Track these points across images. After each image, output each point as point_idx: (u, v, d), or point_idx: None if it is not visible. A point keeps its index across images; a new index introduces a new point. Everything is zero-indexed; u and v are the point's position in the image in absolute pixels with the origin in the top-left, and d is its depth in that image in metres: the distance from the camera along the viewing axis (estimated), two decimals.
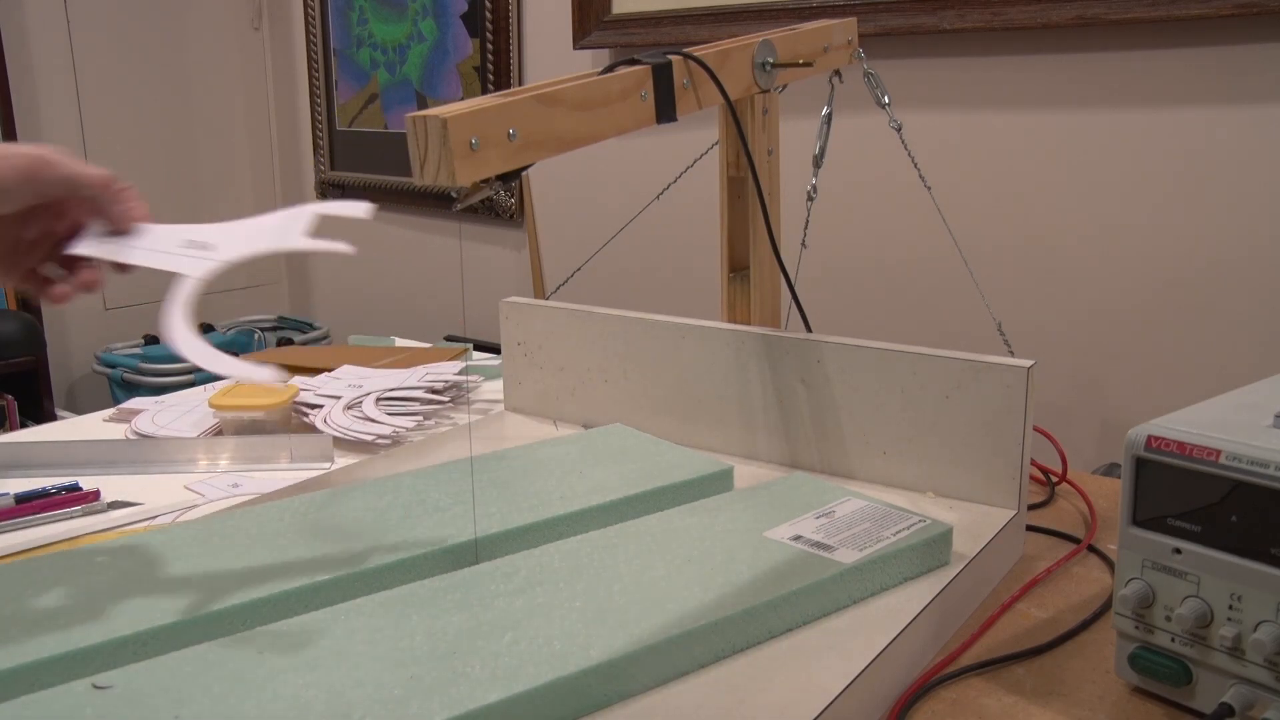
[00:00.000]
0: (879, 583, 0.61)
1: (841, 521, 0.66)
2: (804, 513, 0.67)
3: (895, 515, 0.67)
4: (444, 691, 0.48)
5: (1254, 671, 0.50)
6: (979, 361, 0.72)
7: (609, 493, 0.72)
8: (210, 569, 0.61)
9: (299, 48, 2.78)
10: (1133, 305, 1.53)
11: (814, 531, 0.64)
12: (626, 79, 0.69)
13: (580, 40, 2.04)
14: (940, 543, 0.65)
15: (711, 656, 0.54)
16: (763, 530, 0.65)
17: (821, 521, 0.66)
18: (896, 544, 0.62)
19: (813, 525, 0.65)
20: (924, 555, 0.64)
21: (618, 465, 0.77)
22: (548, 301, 0.96)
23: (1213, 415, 0.54)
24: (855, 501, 0.69)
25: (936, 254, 1.71)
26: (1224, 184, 1.43)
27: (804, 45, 0.86)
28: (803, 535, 0.64)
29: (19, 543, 0.77)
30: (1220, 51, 1.40)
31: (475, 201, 0.62)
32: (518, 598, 0.56)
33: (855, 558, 0.61)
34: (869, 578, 0.61)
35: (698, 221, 1.99)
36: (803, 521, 0.66)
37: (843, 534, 0.64)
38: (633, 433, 0.84)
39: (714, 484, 0.76)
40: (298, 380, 1.08)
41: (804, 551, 0.62)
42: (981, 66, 1.61)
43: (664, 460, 0.78)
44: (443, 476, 0.75)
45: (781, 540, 0.63)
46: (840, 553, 0.61)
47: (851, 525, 0.65)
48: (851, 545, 0.62)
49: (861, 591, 0.60)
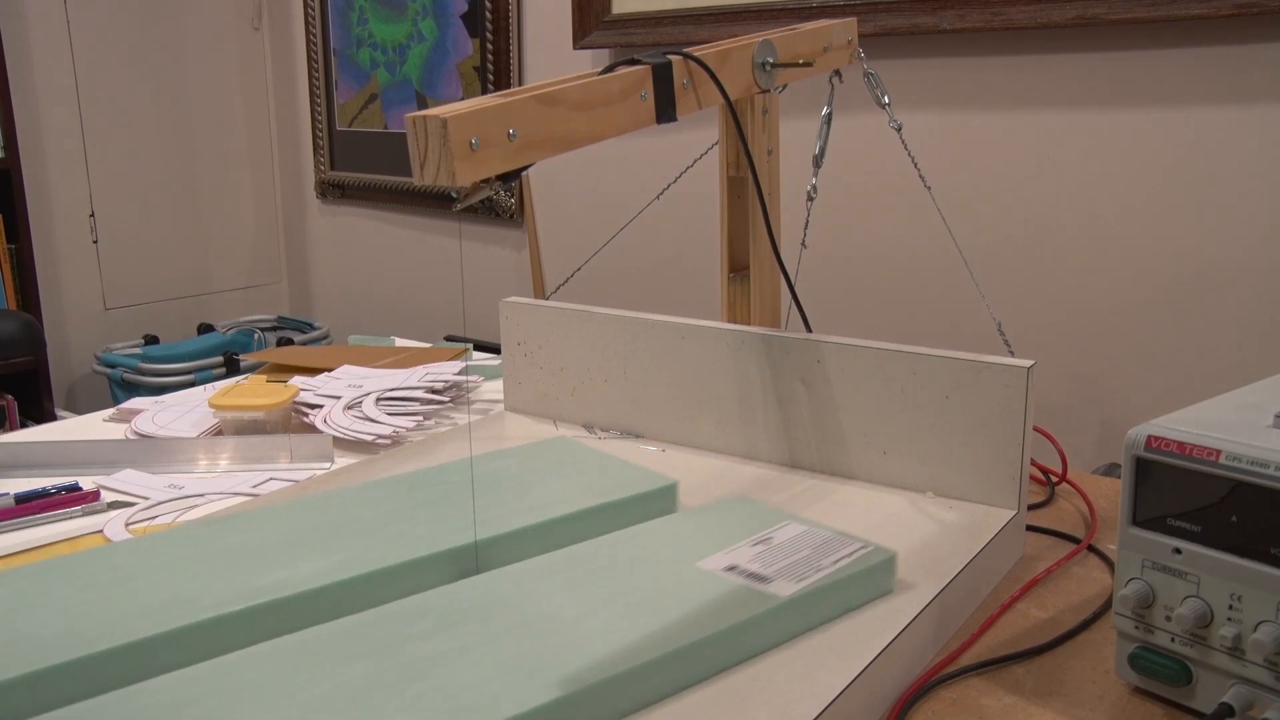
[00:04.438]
0: (818, 616, 0.58)
1: (779, 549, 0.62)
2: (741, 539, 0.63)
3: (836, 542, 0.63)
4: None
5: (1254, 671, 0.50)
6: (979, 361, 0.72)
7: (546, 511, 0.68)
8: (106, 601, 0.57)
9: (299, 48, 2.79)
10: (1133, 305, 1.53)
11: (750, 561, 0.61)
12: (626, 79, 0.69)
13: (580, 40, 2.05)
14: (883, 571, 0.61)
15: (632, 705, 0.51)
16: (696, 559, 0.61)
17: (758, 549, 0.62)
18: (836, 574, 0.59)
19: (749, 554, 0.62)
20: (866, 584, 0.60)
21: (559, 481, 0.73)
22: (548, 301, 0.96)
23: (1213, 415, 0.54)
24: (795, 527, 0.65)
25: (936, 254, 1.71)
26: (1223, 184, 1.43)
27: (804, 45, 0.86)
28: (738, 565, 0.60)
29: (19, 543, 0.77)
30: (1220, 51, 1.41)
31: (475, 201, 0.62)
32: (428, 641, 0.52)
33: (792, 590, 0.57)
34: (806, 611, 0.57)
35: (698, 221, 2.00)
36: (739, 550, 0.62)
37: (780, 563, 0.60)
38: (578, 446, 0.80)
39: (657, 501, 0.72)
40: (298, 380, 1.08)
41: (738, 584, 0.58)
42: (981, 66, 1.61)
43: (608, 476, 0.74)
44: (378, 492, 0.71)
45: (715, 571, 0.59)
46: (776, 584, 0.58)
47: (790, 553, 0.61)
48: (789, 576, 0.59)
49: (798, 626, 0.57)
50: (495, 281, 2.41)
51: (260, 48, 2.88)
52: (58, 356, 2.61)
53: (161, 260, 2.77)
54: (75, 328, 2.65)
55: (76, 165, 2.56)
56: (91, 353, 2.63)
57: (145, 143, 2.68)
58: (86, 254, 2.63)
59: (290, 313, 3.02)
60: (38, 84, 2.49)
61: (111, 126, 2.61)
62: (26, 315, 2.33)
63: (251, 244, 2.94)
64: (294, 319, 2.88)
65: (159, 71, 2.69)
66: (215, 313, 2.89)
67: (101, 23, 2.57)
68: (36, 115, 2.49)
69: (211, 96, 2.80)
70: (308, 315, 2.97)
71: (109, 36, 2.59)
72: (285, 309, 3.03)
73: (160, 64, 2.69)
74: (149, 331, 2.75)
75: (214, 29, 2.78)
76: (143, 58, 2.66)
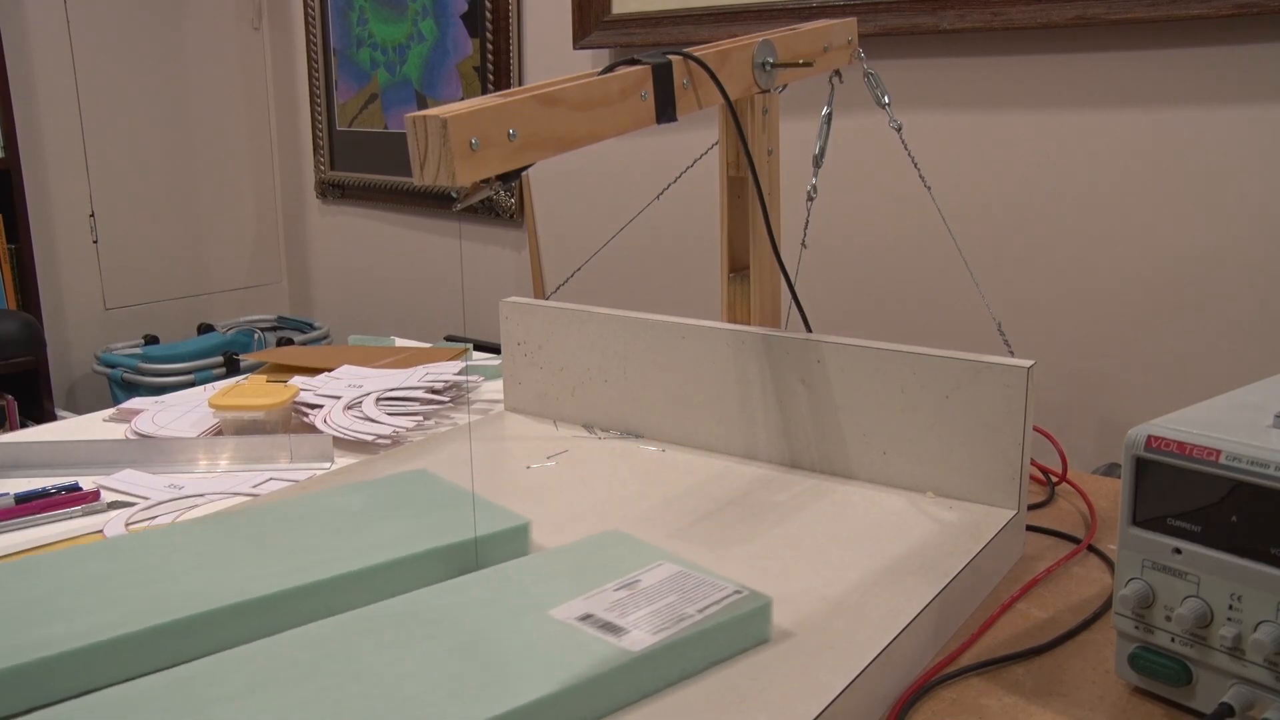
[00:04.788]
0: (677, 670, 0.53)
1: (644, 594, 0.57)
2: (605, 582, 0.58)
3: (708, 586, 0.58)
4: None
5: (1254, 671, 0.50)
6: (979, 361, 0.72)
7: (383, 552, 0.62)
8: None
9: (299, 48, 2.79)
10: (1132, 305, 1.53)
11: (608, 609, 0.55)
12: (626, 79, 0.69)
13: (580, 40, 2.05)
14: (756, 619, 0.56)
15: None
16: (551, 607, 0.56)
17: (620, 595, 0.57)
18: (702, 623, 0.54)
19: (609, 600, 0.56)
20: (735, 634, 0.55)
21: (406, 520, 0.67)
22: (548, 301, 0.96)
23: (1213, 415, 0.54)
24: (667, 568, 0.60)
25: (936, 253, 1.71)
26: (1223, 184, 1.43)
27: (804, 45, 0.86)
28: (593, 614, 0.55)
29: (19, 543, 0.77)
30: (1220, 51, 1.41)
31: (475, 201, 0.62)
32: (233, 704, 0.47)
33: (646, 644, 0.52)
34: (663, 666, 0.52)
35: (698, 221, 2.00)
36: (599, 595, 0.57)
37: (641, 611, 0.55)
38: (436, 480, 0.75)
39: (507, 543, 0.67)
40: (298, 380, 1.08)
41: (590, 636, 0.53)
42: (981, 66, 1.61)
43: (459, 515, 0.68)
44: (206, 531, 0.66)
45: (567, 621, 0.54)
46: (630, 637, 0.52)
47: (654, 599, 0.56)
48: (647, 626, 0.53)
49: (654, 683, 0.52)
50: (495, 281, 2.41)
51: (260, 48, 2.88)
52: (58, 356, 2.61)
53: (161, 260, 2.77)
54: (75, 328, 2.65)
55: (76, 165, 2.56)
56: (91, 353, 2.63)
57: (145, 143, 2.68)
58: (86, 254, 2.63)
59: (290, 313, 3.02)
60: (38, 84, 2.49)
61: (111, 126, 2.61)
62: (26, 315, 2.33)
63: (251, 244, 2.94)
64: (294, 319, 2.88)
65: (159, 71, 2.69)
66: (215, 313, 2.89)
67: (101, 23, 2.57)
68: (36, 115, 2.49)
69: (211, 97, 2.80)
70: (308, 315, 2.97)
71: (109, 36, 2.59)
72: (285, 309, 3.03)
73: (160, 64, 2.69)
74: (149, 331, 2.75)
75: (214, 29, 2.78)
76: (143, 58, 2.66)
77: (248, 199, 2.91)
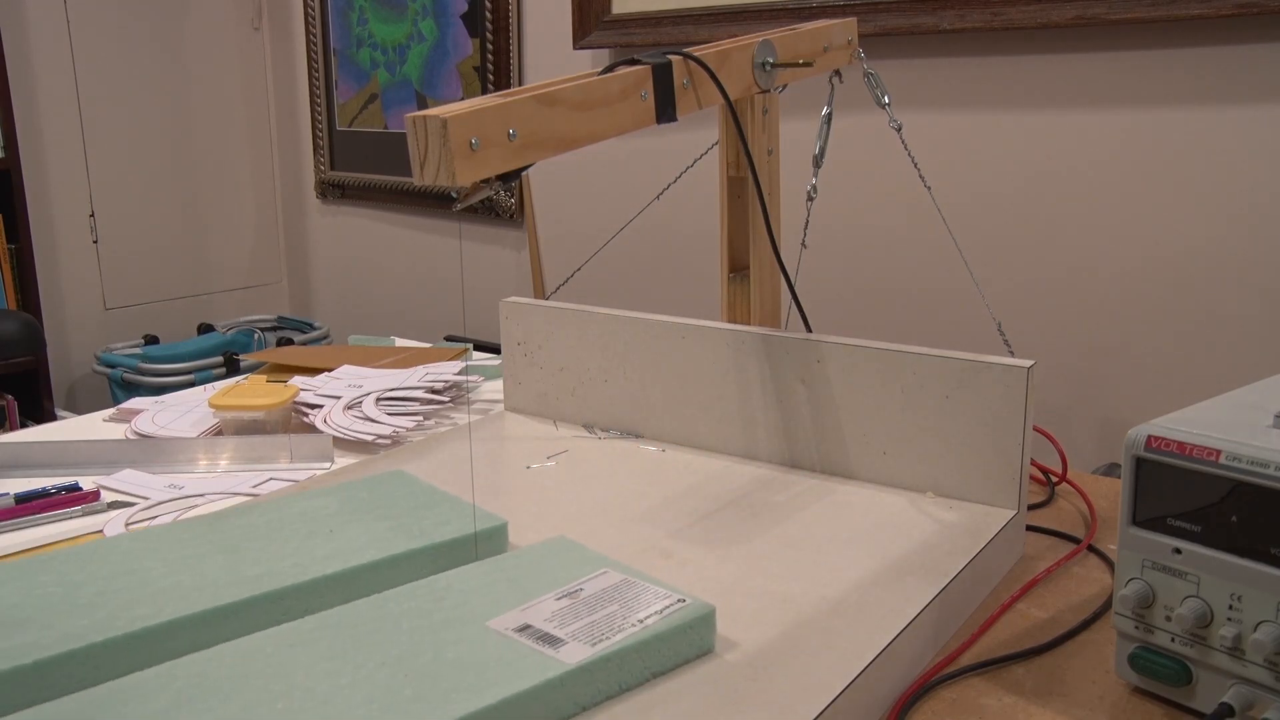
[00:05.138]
0: (615, 682, 0.52)
1: (585, 603, 0.56)
2: (547, 591, 0.57)
3: (651, 595, 0.57)
4: None
5: (1254, 671, 0.50)
6: (979, 361, 0.72)
7: (351, 558, 0.62)
8: None
9: (299, 48, 2.79)
10: (1133, 305, 1.53)
11: (547, 619, 0.54)
12: (626, 79, 0.69)
13: (580, 40, 2.05)
14: (699, 628, 0.55)
15: None
16: (489, 617, 0.55)
17: (562, 604, 0.56)
18: (641, 634, 0.53)
19: (550, 609, 0.55)
20: (676, 645, 0.54)
21: (377, 522, 0.67)
22: (548, 301, 0.96)
23: (1213, 415, 0.54)
24: (611, 576, 0.59)
25: (936, 253, 1.71)
26: (1224, 184, 1.43)
27: (804, 45, 0.86)
28: (531, 625, 0.54)
29: (19, 542, 0.77)
30: (1220, 51, 1.41)
31: (475, 201, 0.62)
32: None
33: (582, 656, 0.51)
34: (599, 679, 0.51)
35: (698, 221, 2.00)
36: (540, 605, 0.56)
37: (580, 621, 0.54)
38: (411, 481, 0.74)
39: (485, 544, 0.66)
40: (298, 380, 1.08)
41: (526, 648, 0.52)
42: (981, 66, 1.61)
43: (432, 517, 0.68)
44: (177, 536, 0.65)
45: (504, 632, 0.53)
46: (567, 649, 0.51)
47: (595, 608, 0.55)
48: (585, 637, 0.53)
49: (590, 696, 0.51)
50: (495, 281, 2.41)
51: (260, 48, 2.88)
52: (58, 356, 2.61)
53: (161, 260, 2.77)
54: (75, 328, 2.65)
55: (76, 165, 2.56)
56: (91, 353, 2.63)
57: (145, 143, 2.68)
58: (86, 254, 2.63)
59: (290, 313, 3.02)
60: (38, 84, 2.49)
61: (111, 126, 2.61)
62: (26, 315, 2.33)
63: (251, 244, 2.94)
64: (294, 319, 2.88)
65: (159, 71, 2.69)
66: (215, 313, 2.89)
67: (101, 23, 2.57)
68: (36, 115, 2.49)
69: (211, 96, 2.80)
70: (308, 315, 2.97)
71: (109, 36, 2.59)
72: (285, 309, 3.03)
73: (160, 64, 2.69)
74: (149, 331, 2.75)
75: (214, 29, 2.78)
76: (143, 58, 2.66)
77: (248, 199, 2.91)
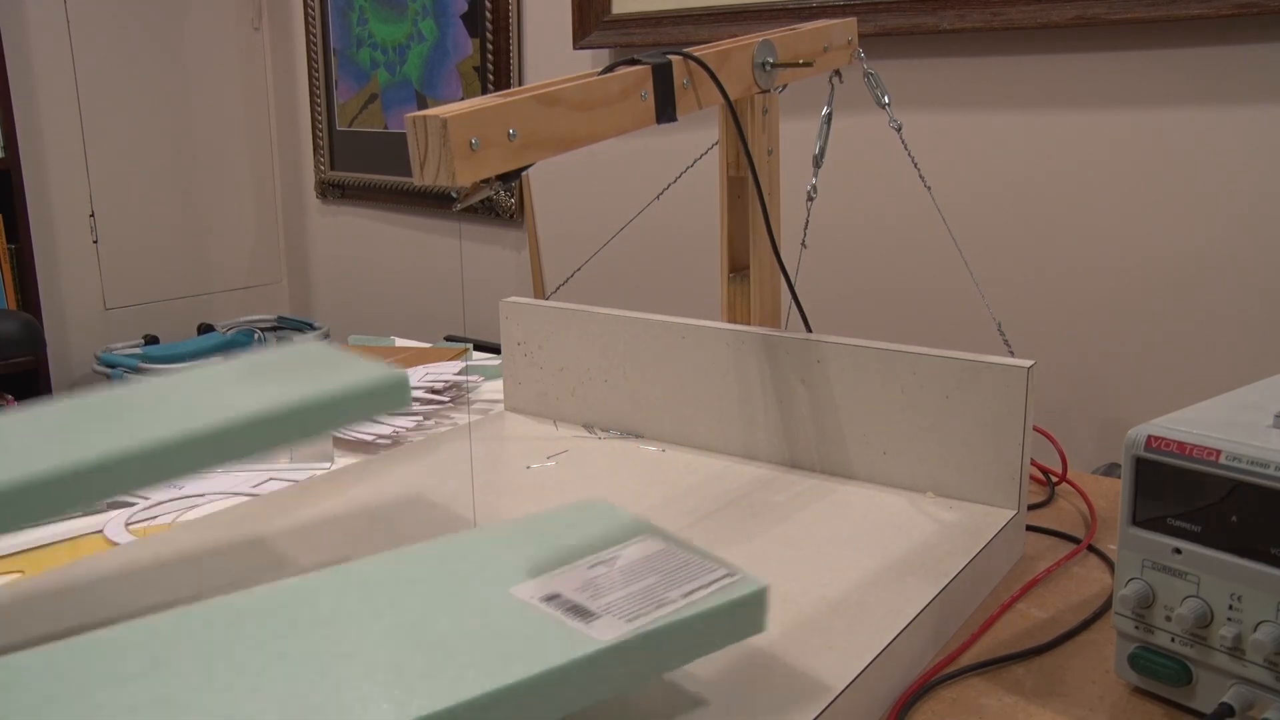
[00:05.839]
0: (653, 664, 0.46)
1: (620, 574, 0.50)
2: (577, 558, 0.51)
3: (694, 567, 0.50)
4: None
5: (1254, 671, 0.50)
6: (979, 361, 0.72)
7: (238, 410, 0.54)
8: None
9: (299, 48, 2.79)
10: (1133, 305, 1.53)
11: (578, 589, 0.48)
12: (626, 79, 0.69)
13: (580, 40, 2.05)
14: (749, 607, 0.48)
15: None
16: (513, 583, 0.49)
17: (595, 573, 0.50)
18: (683, 611, 0.46)
19: (580, 578, 0.49)
20: (724, 625, 0.48)
21: (278, 385, 0.59)
22: (548, 301, 0.96)
23: (1213, 415, 0.54)
24: (649, 544, 0.53)
25: (936, 253, 1.71)
26: (1224, 184, 1.43)
27: (804, 45, 0.86)
28: (560, 594, 0.48)
29: (19, 543, 0.77)
30: (1220, 51, 1.41)
31: (475, 201, 0.62)
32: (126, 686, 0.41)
33: (617, 633, 0.45)
34: (637, 660, 0.45)
35: (698, 221, 2.00)
36: (570, 573, 0.50)
37: (616, 593, 0.48)
38: (323, 349, 0.66)
39: (383, 399, 0.58)
40: None
41: (553, 619, 0.46)
42: (981, 66, 1.61)
43: (339, 375, 0.60)
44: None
45: (530, 601, 0.48)
46: (600, 624, 0.45)
47: (631, 580, 0.49)
48: (620, 612, 0.46)
49: (625, 679, 0.45)
50: (495, 281, 2.41)
51: (260, 48, 2.88)
52: (58, 356, 2.61)
53: (161, 260, 2.77)
54: (75, 328, 2.65)
55: (76, 165, 2.56)
56: (91, 353, 2.63)
57: (145, 143, 2.68)
58: (86, 254, 2.63)
59: (290, 313, 3.02)
60: (38, 84, 2.49)
61: (111, 126, 2.61)
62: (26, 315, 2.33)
63: (251, 244, 2.94)
64: (294, 319, 2.88)
65: (159, 71, 2.69)
66: (215, 313, 2.89)
67: (101, 23, 2.57)
68: (36, 115, 2.49)
69: (211, 96, 2.80)
70: (308, 315, 2.98)
71: (109, 36, 2.59)
72: (285, 309, 3.03)
73: (160, 64, 2.69)
74: (149, 331, 2.75)
75: (214, 29, 2.78)
76: (143, 58, 2.66)
77: (248, 199, 2.91)
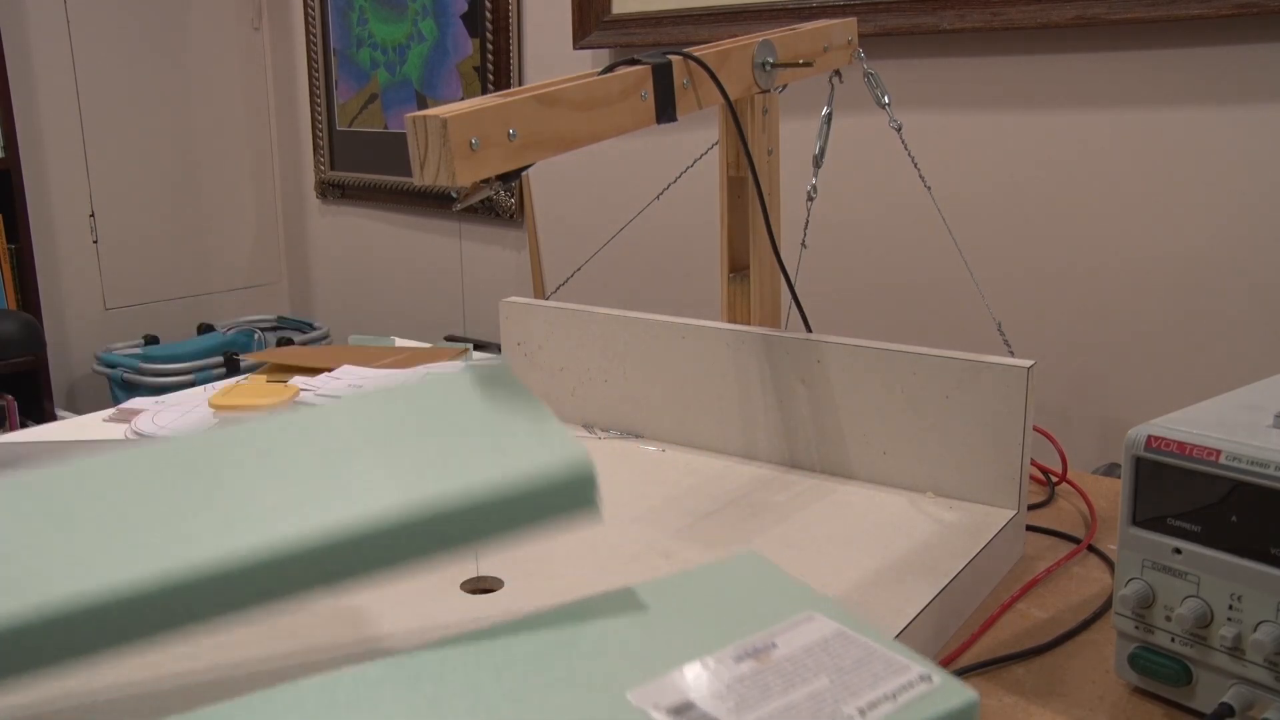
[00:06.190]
0: None
1: (780, 671, 0.36)
2: (724, 643, 0.38)
3: (878, 663, 0.36)
4: None
5: (1254, 671, 0.50)
6: (979, 361, 0.72)
7: (366, 502, 0.40)
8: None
9: (299, 48, 2.79)
10: (1132, 305, 1.53)
11: (721, 695, 0.35)
12: (626, 79, 0.69)
13: (580, 40, 2.05)
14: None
15: None
16: (632, 683, 0.36)
17: (745, 668, 0.36)
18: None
19: (727, 676, 0.36)
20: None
21: (424, 451, 0.43)
22: (548, 301, 0.96)
23: (1213, 415, 0.54)
24: (819, 625, 0.39)
25: (936, 254, 1.71)
26: (1223, 184, 1.43)
27: (804, 45, 0.86)
28: (695, 705, 0.35)
29: None
30: (1220, 51, 1.41)
31: (475, 201, 0.62)
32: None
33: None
34: None
35: (698, 221, 2.00)
36: (710, 668, 0.37)
37: (773, 702, 0.34)
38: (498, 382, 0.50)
39: (566, 495, 0.42)
40: (298, 380, 1.08)
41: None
42: (981, 66, 1.61)
43: (506, 446, 0.43)
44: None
45: (651, 713, 0.34)
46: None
47: (795, 682, 0.36)
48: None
49: None
50: (495, 281, 2.41)
51: (260, 48, 2.88)
52: (58, 356, 2.61)
53: (161, 260, 2.77)
54: (75, 328, 2.65)
55: (76, 165, 2.56)
56: (91, 353, 2.63)
57: (145, 143, 2.68)
58: (86, 254, 2.63)
59: (290, 313, 3.02)
60: (38, 84, 2.49)
61: (111, 126, 2.61)
62: (26, 315, 2.33)
63: (251, 244, 2.94)
64: (294, 319, 2.88)
65: (159, 71, 2.69)
66: (215, 313, 2.89)
67: (101, 23, 2.57)
68: (36, 115, 2.49)
69: (211, 96, 2.80)
70: (308, 315, 2.98)
71: (109, 36, 2.59)
72: (285, 309, 3.03)
73: (160, 64, 2.69)
74: (149, 331, 2.75)
75: (214, 29, 2.78)
76: (143, 58, 2.66)
77: (248, 199, 2.91)
